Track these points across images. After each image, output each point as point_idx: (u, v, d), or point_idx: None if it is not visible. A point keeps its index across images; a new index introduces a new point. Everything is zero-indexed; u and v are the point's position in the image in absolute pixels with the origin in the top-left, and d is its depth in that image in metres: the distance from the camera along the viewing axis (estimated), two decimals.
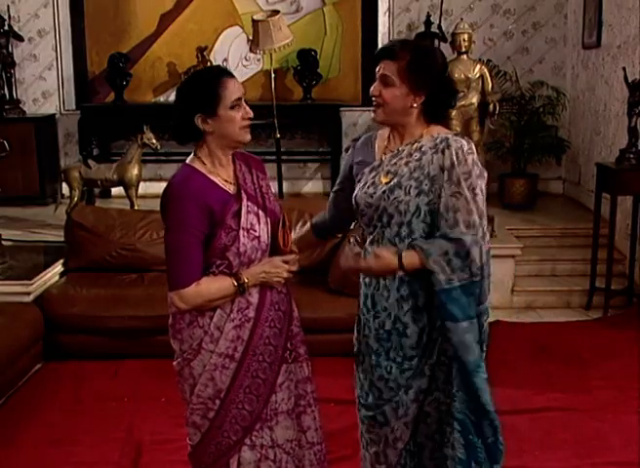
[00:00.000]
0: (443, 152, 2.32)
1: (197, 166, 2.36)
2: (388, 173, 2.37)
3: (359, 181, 2.43)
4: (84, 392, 4.13)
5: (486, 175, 2.36)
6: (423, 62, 2.32)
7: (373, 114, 2.41)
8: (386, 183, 2.35)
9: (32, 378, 4.32)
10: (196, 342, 2.37)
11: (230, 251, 2.31)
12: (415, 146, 2.37)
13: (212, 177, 2.35)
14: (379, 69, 2.36)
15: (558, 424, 3.72)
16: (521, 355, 4.55)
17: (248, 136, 2.36)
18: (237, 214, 2.32)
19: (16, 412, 3.91)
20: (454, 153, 2.30)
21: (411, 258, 2.28)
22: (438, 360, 2.37)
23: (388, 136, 2.45)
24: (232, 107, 2.31)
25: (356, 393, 2.55)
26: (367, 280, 2.45)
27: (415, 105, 2.34)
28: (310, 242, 2.78)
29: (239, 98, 2.32)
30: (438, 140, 2.35)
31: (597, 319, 5.25)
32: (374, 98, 2.37)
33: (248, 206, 2.34)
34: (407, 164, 2.35)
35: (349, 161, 2.53)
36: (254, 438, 2.41)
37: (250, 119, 2.34)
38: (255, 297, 2.37)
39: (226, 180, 2.37)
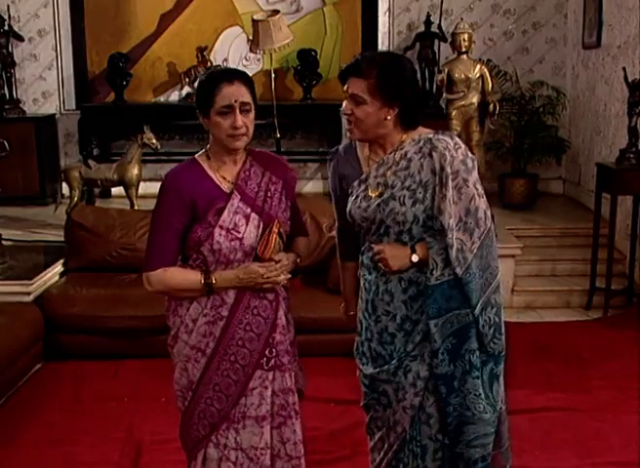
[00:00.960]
0: (430, 155, 2.32)
1: (200, 159, 2.41)
2: (378, 185, 2.37)
3: (350, 195, 2.42)
4: (84, 392, 4.13)
5: (476, 163, 2.36)
6: (392, 76, 2.29)
7: (348, 133, 2.40)
8: (379, 196, 2.35)
9: (32, 378, 4.32)
10: (174, 330, 2.44)
11: (204, 246, 2.34)
12: (399, 154, 2.36)
13: (210, 172, 2.38)
14: (347, 88, 2.34)
15: (558, 424, 3.72)
16: (521, 355, 4.54)
17: (237, 144, 2.35)
18: (220, 212, 2.34)
19: (16, 412, 3.91)
20: (441, 155, 2.30)
21: (421, 247, 2.33)
22: (438, 351, 2.38)
23: (370, 147, 2.43)
24: (221, 113, 2.30)
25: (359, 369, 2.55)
26: (366, 285, 2.45)
27: (389, 118, 2.32)
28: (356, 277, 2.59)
29: (229, 106, 2.29)
30: (421, 143, 2.35)
31: (597, 319, 5.25)
32: (346, 117, 2.36)
33: (238, 206, 2.35)
34: (395, 173, 2.35)
35: (335, 180, 2.49)
36: (219, 436, 2.44)
37: (237, 129, 2.31)
38: (230, 298, 2.38)
39: (224, 178, 2.39)
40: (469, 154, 2.35)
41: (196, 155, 2.44)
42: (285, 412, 2.48)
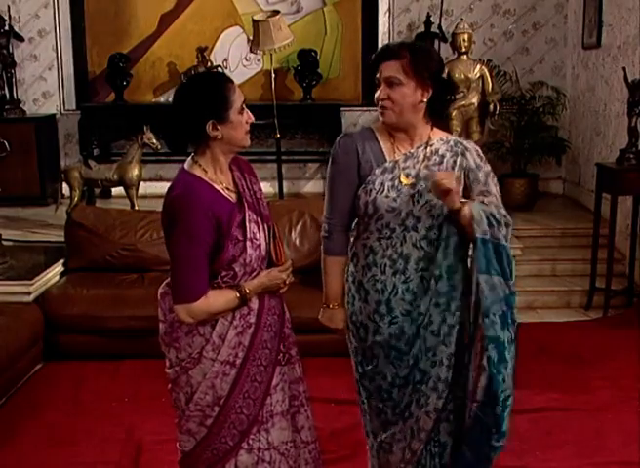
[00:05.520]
0: (464, 154, 2.38)
1: (199, 174, 2.31)
2: (408, 176, 2.37)
3: (370, 183, 2.37)
4: (84, 392, 4.13)
5: None
6: (424, 57, 2.35)
7: (381, 117, 2.38)
8: (411, 186, 2.35)
9: (32, 378, 4.33)
10: (196, 351, 2.35)
11: (238, 262, 2.30)
12: (429, 149, 2.39)
13: (215, 186, 2.31)
14: (379, 73, 2.35)
15: (558, 424, 3.72)
16: (521, 355, 4.49)
17: (249, 141, 2.35)
18: (242, 225, 2.30)
19: (16, 412, 3.91)
20: (475, 155, 2.40)
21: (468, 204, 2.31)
22: (457, 349, 2.42)
23: (391, 137, 2.42)
24: (241, 112, 2.30)
25: (363, 396, 2.57)
26: (378, 285, 2.43)
27: (425, 100, 2.35)
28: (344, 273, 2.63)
29: (244, 102, 2.32)
30: (452, 143, 2.41)
31: (597, 319, 5.25)
32: (381, 103, 2.35)
33: (249, 215, 2.32)
34: (428, 167, 2.37)
35: (351, 163, 2.40)
36: (251, 441, 2.40)
37: (251, 123, 2.35)
38: (255, 303, 2.37)
39: (227, 188, 2.34)
40: None
41: (187, 168, 2.32)
42: (297, 402, 2.50)
